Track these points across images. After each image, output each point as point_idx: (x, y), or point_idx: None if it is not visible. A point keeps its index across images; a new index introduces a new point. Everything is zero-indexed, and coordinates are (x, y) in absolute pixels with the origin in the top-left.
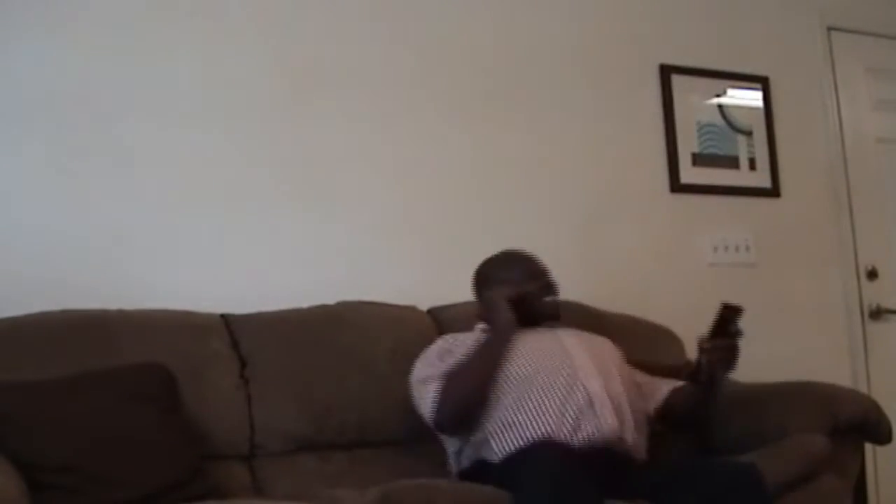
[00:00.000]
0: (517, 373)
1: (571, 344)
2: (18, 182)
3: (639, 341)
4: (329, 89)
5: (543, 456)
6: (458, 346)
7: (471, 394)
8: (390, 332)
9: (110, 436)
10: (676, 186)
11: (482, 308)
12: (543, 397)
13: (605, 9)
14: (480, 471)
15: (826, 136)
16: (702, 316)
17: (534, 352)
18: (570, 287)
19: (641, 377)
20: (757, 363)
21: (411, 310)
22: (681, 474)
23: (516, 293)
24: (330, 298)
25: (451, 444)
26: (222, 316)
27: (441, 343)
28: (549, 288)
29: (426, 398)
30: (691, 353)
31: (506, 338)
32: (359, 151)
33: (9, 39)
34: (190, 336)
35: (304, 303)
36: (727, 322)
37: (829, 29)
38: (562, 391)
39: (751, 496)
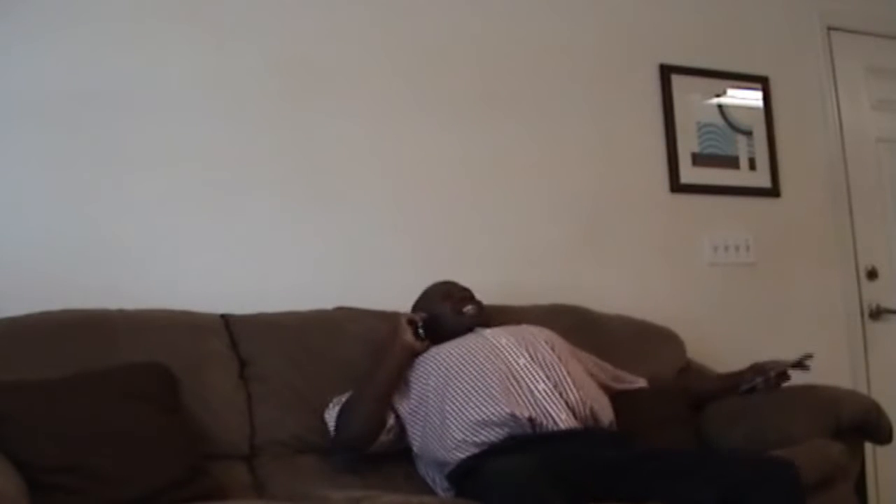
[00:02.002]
0: (438, 377)
1: (493, 334)
2: (18, 182)
3: (639, 343)
4: (330, 91)
5: (509, 468)
6: None
7: (359, 412)
8: None
9: (110, 435)
10: (676, 186)
11: (388, 337)
12: (471, 382)
13: (604, 9)
14: (468, 471)
15: (826, 136)
16: (702, 316)
17: (452, 352)
18: (570, 287)
19: (594, 358)
20: None
21: None
22: (705, 460)
23: (421, 316)
24: (330, 299)
25: (421, 465)
26: (222, 316)
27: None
28: (465, 302)
29: (329, 423)
30: (692, 353)
31: (397, 357)
32: (359, 152)
33: (9, 40)
34: (190, 336)
35: (304, 303)
36: (799, 363)
37: (829, 29)
38: (488, 372)
39: (785, 493)
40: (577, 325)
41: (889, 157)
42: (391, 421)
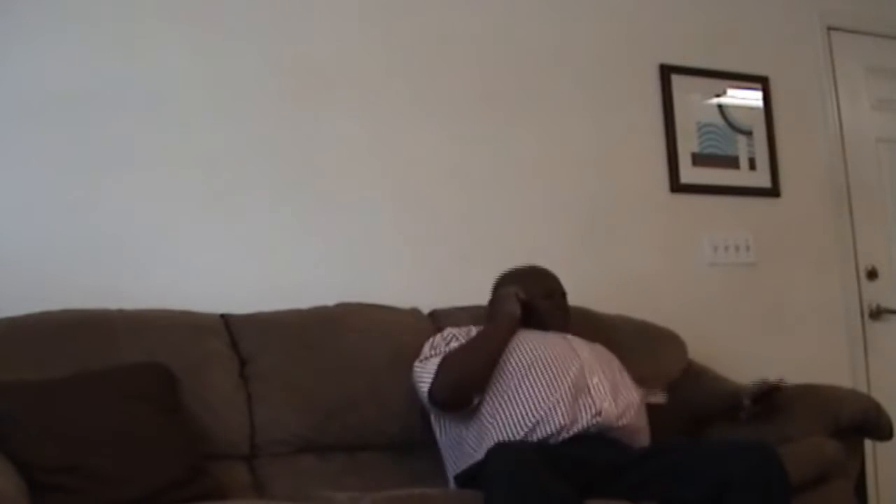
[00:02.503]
0: (519, 361)
1: (576, 343)
2: (18, 182)
3: (640, 343)
4: (330, 91)
5: (506, 459)
6: (464, 333)
7: (468, 370)
8: (391, 337)
9: (110, 435)
10: (676, 186)
11: (491, 303)
12: (544, 382)
13: (604, 9)
14: (475, 473)
15: (826, 136)
16: (702, 316)
17: (539, 344)
18: (571, 288)
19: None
20: (757, 363)
21: (413, 314)
22: (691, 455)
23: (526, 297)
24: (330, 298)
25: (446, 445)
26: (222, 316)
27: (449, 330)
28: (560, 307)
29: (425, 372)
30: (692, 353)
31: (507, 325)
32: (359, 152)
33: (9, 40)
34: (190, 336)
35: (304, 303)
36: (770, 391)
37: (829, 29)
38: (563, 378)
39: (768, 476)
40: (578, 326)
41: (889, 157)
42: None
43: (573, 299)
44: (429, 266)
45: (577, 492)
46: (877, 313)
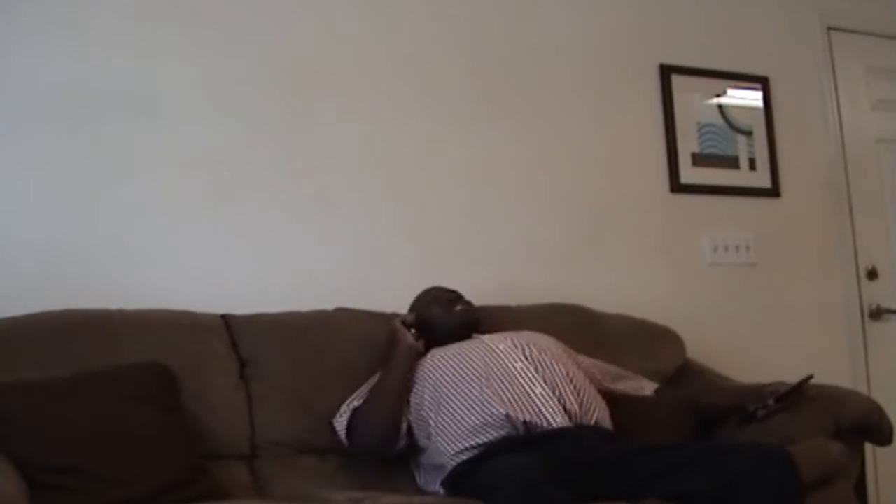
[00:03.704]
0: (436, 377)
1: (491, 339)
2: (19, 182)
3: (638, 341)
4: (329, 91)
5: (508, 472)
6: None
7: (376, 418)
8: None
9: (110, 435)
10: (676, 186)
11: (387, 343)
12: (467, 386)
13: (604, 9)
14: (464, 474)
15: (826, 136)
16: (702, 316)
17: (452, 355)
18: (570, 288)
19: (598, 363)
20: (757, 363)
21: None
22: (701, 451)
23: (414, 318)
24: (330, 299)
25: (414, 465)
26: (222, 316)
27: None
28: (454, 302)
29: (341, 428)
30: (692, 353)
31: (403, 357)
32: (359, 153)
33: (9, 40)
34: (190, 336)
35: (304, 303)
36: (799, 389)
37: (829, 29)
38: (482, 376)
39: (783, 482)
40: (576, 324)
41: (889, 157)
42: (405, 426)
43: (573, 299)
44: (429, 266)
45: (577, 498)
46: (877, 313)
